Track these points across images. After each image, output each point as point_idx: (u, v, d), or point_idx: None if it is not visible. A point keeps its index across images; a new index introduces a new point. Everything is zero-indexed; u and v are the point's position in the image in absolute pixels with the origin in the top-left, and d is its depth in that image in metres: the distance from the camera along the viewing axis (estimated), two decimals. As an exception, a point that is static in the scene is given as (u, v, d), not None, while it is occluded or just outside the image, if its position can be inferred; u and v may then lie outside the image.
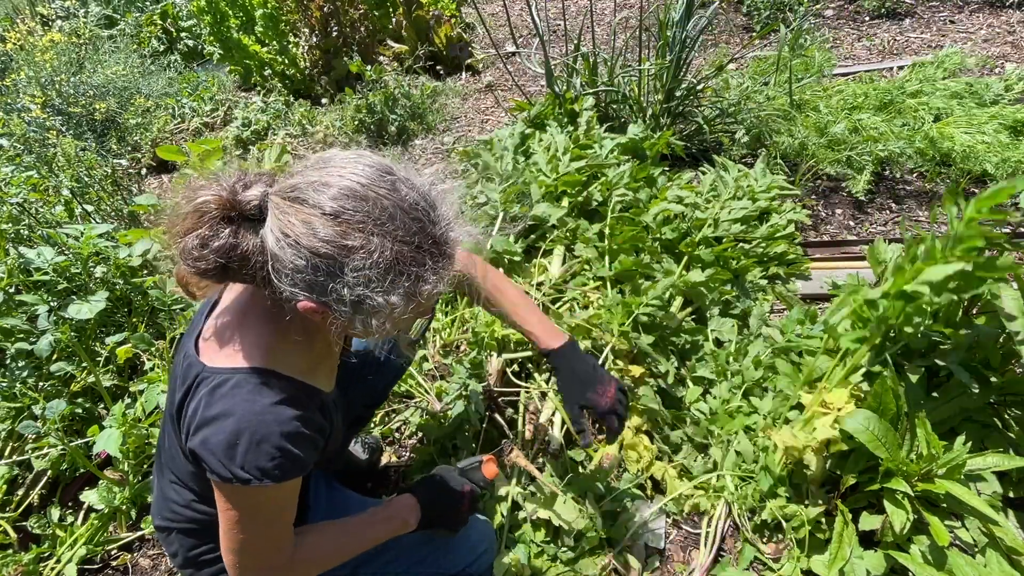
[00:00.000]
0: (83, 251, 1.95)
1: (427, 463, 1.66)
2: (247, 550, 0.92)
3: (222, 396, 0.84)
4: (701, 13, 2.78)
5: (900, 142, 2.51)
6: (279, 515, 0.94)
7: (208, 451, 0.83)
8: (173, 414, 0.93)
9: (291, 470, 0.86)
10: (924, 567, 1.20)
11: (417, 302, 0.79)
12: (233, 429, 0.82)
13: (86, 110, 3.74)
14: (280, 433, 0.83)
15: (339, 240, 0.73)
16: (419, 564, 1.24)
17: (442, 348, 1.95)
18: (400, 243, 0.75)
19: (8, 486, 1.73)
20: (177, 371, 0.94)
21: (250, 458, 0.82)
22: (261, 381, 0.85)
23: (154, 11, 5.34)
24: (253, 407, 0.83)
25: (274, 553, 0.95)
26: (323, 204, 0.74)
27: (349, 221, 0.74)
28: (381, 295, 0.76)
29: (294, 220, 0.75)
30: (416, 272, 0.77)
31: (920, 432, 1.26)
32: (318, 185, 0.75)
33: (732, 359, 1.80)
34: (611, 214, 2.16)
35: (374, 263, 0.74)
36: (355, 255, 0.74)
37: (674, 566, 1.46)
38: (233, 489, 0.86)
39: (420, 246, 0.77)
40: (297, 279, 0.76)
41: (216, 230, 0.79)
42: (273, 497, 0.89)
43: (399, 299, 0.77)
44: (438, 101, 4.04)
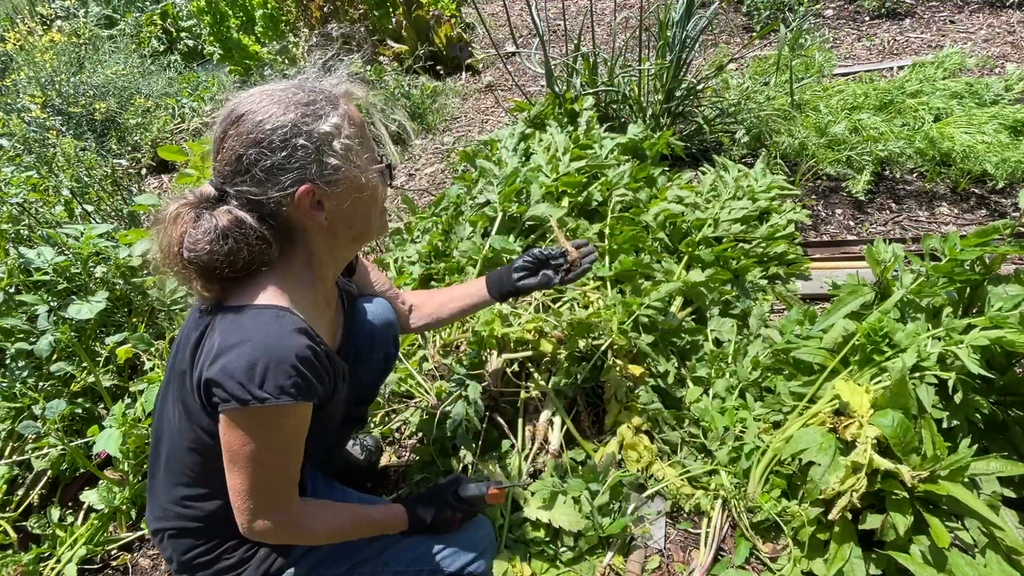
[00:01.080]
0: (83, 251, 1.95)
1: (427, 463, 1.66)
2: (258, 489, 0.96)
3: (239, 326, 0.90)
4: (701, 13, 2.78)
5: (900, 142, 2.51)
6: (290, 445, 0.97)
7: (227, 375, 0.88)
8: (186, 363, 0.96)
9: (306, 391, 0.91)
10: (924, 567, 1.20)
11: (350, 121, 0.95)
12: (252, 352, 0.88)
13: (86, 110, 3.74)
14: (296, 356, 0.90)
15: (264, 118, 0.90)
16: (418, 563, 1.24)
17: (442, 348, 1.95)
18: (297, 90, 0.94)
19: (8, 486, 1.73)
20: (189, 324, 1.01)
21: (269, 376, 0.87)
22: (275, 313, 0.93)
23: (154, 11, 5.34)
24: (269, 333, 0.90)
25: (283, 496, 0.99)
26: (236, 116, 0.92)
27: (259, 105, 0.91)
28: (321, 123, 0.92)
29: (232, 144, 0.90)
30: (326, 99, 0.94)
31: (926, 433, 1.26)
32: (225, 121, 0.93)
33: (731, 359, 1.80)
34: (611, 214, 2.16)
35: (297, 107, 0.91)
36: (282, 114, 0.90)
37: (674, 566, 1.46)
38: (250, 414, 0.90)
39: (311, 91, 0.95)
40: (275, 174, 0.90)
41: (198, 219, 0.92)
42: (288, 419, 0.93)
43: (336, 119, 0.93)
44: (438, 101, 4.04)
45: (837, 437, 1.33)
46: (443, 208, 2.51)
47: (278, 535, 1.01)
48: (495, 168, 2.44)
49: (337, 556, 1.19)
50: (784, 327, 1.78)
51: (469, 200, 2.43)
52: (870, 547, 1.31)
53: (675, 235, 2.21)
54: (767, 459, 1.47)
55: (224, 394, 0.88)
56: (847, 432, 1.30)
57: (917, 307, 1.55)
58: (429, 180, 3.33)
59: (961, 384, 1.30)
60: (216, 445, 0.97)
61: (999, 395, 1.41)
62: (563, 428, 1.65)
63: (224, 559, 1.11)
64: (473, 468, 1.60)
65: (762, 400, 1.66)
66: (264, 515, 0.98)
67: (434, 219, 2.44)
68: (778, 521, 1.42)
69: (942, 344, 1.35)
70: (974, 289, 1.52)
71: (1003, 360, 1.39)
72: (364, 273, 1.40)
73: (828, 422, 1.37)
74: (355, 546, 1.21)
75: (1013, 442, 1.38)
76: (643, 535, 1.50)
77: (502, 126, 3.61)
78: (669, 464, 1.61)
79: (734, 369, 1.77)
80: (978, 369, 1.24)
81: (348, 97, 1.00)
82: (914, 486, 1.21)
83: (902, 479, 1.21)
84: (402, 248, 2.39)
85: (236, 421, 0.91)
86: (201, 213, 0.93)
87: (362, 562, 1.20)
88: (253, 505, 0.97)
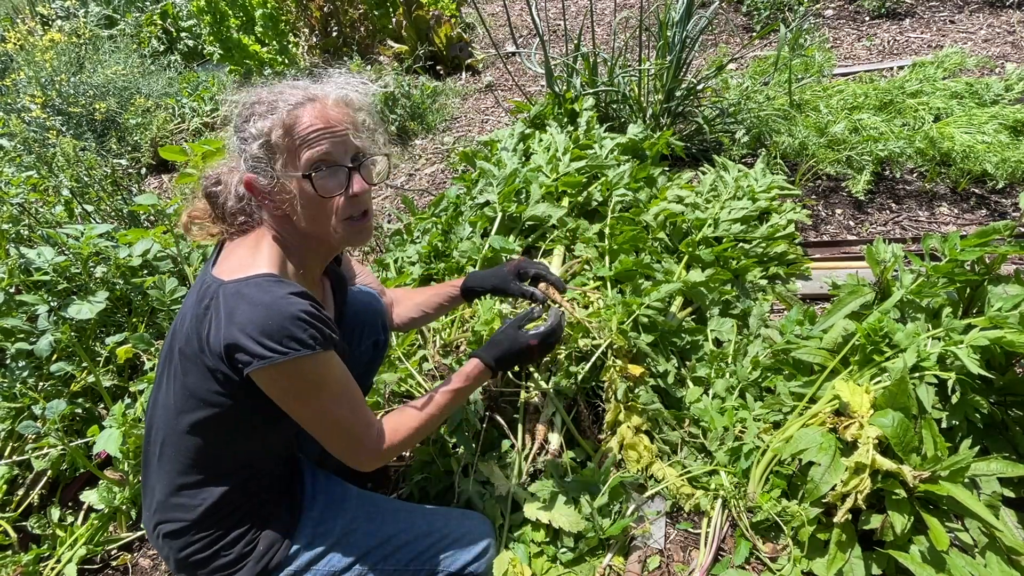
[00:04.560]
0: (83, 251, 1.95)
1: (427, 463, 1.66)
2: (337, 429, 1.04)
3: (244, 294, 0.96)
4: (701, 13, 2.78)
5: (900, 142, 2.51)
6: (341, 386, 1.04)
7: (245, 337, 0.93)
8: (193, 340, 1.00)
9: (322, 340, 0.97)
10: (924, 567, 1.20)
11: (284, 127, 1.01)
12: (262, 313, 0.94)
13: (86, 110, 3.74)
14: (302, 310, 0.96)
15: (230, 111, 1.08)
16: (417, 562, 1.24)
17: (442, 348, 1.95)
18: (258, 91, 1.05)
19: (8, 486, 1.73)
20: (189, 303, 1.05)
21: (285, 332, 0.93)
22: (276, 280, 1.00)
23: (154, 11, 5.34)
24: (276, 295, 0.96)
25: (364, 428, 1.07)
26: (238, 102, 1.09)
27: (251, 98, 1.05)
28: (250, 125, 1.02)
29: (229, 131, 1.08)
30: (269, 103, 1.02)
31: (926, 433, 1.26)
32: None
33: (731, 359, 1.80)
34: (611, 214, 2.16)
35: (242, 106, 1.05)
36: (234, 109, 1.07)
37: (674, 566, 1.46)
38: (278, 371, 0.95)
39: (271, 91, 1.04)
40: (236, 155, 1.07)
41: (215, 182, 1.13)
42: (322, 366, 0.99)
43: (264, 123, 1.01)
44: (438, 101, 4.04)
45: (837, 437, 1.33)
46: (443, 208, 2.51)
47: (381, 457, 1.10)
48: (494, 169, 2.44)
49: (337, 552, 1.19)
50: (784, 327, 1.78)
51: (469, 200, 2.43)
52: (870, 547, 1.31)
53: (675, 235, 2.21)
54: (767, 459, 1.47)
55: (246, 356, 0.93)
56: (847, 432, 1.30)
57: (917, 307, 1.55)
58: (429, 180, 3.34)
59: (961, 384, 1.30)
60: (217, 424, 1.03)
61: (999, 395, 1.41)
62: (563, 428, 1.65)
63: (222, 555, 1.11)
64: (473, 468, 1.60)
65: (762, 400, 1.66)
66: (352, 455, 1.07)
67: (434, 219, 2.44)
68: (778, 521, 1.42)
69: (942, 344, 1.35)
70: (974, 289, 1.52)
71: (1003, 360, 1.39)
72: (348, 266, 1.45)
73: (828, 422, 1.37)
74: (355, 545, 1.21)
75: (1013, 442, 1.38)
76: (643, 535, 1.50)
77: (502, 126, 3.61)
78: (669, 464, 1.61)
79: (734, 369, 1.77)
80: (978, 369, 1.24)
81: (323, 102, 1.05)
82: (915, 486, 1.21)
83: (903, 479, 1.21)
84: (402, 248, 2.39)
85: (270, 380, 0.97)
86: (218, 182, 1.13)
87: (362, 558, 1.20)
88: (341, 445, 1.06)
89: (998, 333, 1.27)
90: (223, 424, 1.03)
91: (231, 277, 1.00)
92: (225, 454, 1.08)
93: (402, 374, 1.85)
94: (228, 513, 1.10)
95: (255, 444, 1.11)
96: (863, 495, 1.22)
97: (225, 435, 1.05)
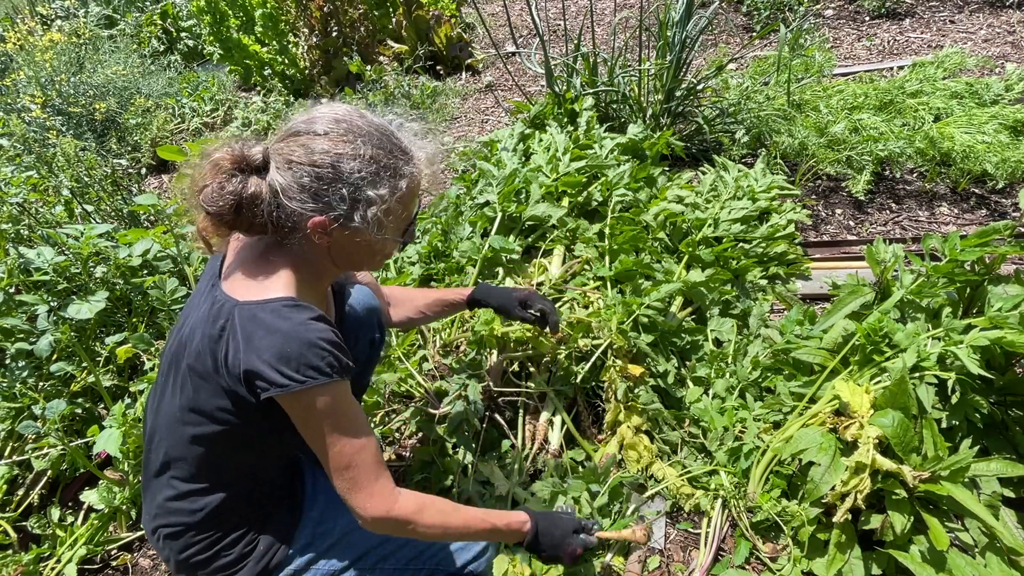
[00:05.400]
0: (83, 251, 1.95)
1: (427, 463, 1.66)
2: (344, 463, 0.99)
3: (262, 320, 0.95)
4: (701, 13, 2.78)
5: (900, 142, 2.51)
6: (357, 419, 1.01)
7: (264, 364, 0.92)
8: (206, 360, 0.98)
9: (339, 368, 0.97)
10: (924, 567, 1.20)
11: (399, 197, 1.00)
12: (281, 341, 0.93)
13: (86, 110, 3.74)
14: (322, 339, 0.95)
15: (333, 149, 0.95)
16: (417, 561, 1.24)
17: (442, 348, 1.95)
18: (376, 148, 0.98)
19: (8, 486, 1.73)
20: (198, 317, 1.02)
21: (303, 360, 0.93)
22: (295, 304, 0.98)
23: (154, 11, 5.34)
24: (294, 322, 0.95)
25: (373, 464, 1.01)
26: (315, 129, 0.96)
27: (337, 135, 0.96)
28: (371, 188, 0.97)
29: (295, 147, 0.96)
30: (393, 167, 0.99)
31: (926, 433, 1.26)
32: (307, 121, 0.98)
33: (731, 359, 1.80)
34: (611, 214, 2.16)
35: (361, 161, 0.96)
36: (346, 157, 0.95)
37: (674, 566, 1.46)
38: (297, 398, 0.95)
39: (391, 151, 1.00)
40: (305, 196, 0.96)
41: (230, 176, 0.97)
42: (338, 396, 0.98)
43: (387, 191, 0.98)
44: (438, 101, 4.04)
45: (837, 437, 1.33)
46: (443, 208, 2.51)
47: (386, 522, 1.03)
48: (494, 169, 2.44)
49: (337, 552, 1.18)
50: (784, 327, 1.78)
51: (469, 200, 2.43)
52: (870, 547, 1.31)
53: (675, 235, 2.21)
54: (767, 459, 1.47)
55: (265, 383, 0.93)
56: (847, 432, 1.30)
57: (917, 307, 1.55)
58: (429, 180, 3.33)
59: (961, 384, 1.30)
60: (224, 439, 1.02)
61: (999, 395, 1.42)
62: (563, 428, 1.65)
63: (223, 556, 1.11)
64: (473, 468, 1.60)
65: (762, 400, 1.66)
66: (359, 493, 1.01)
67: (434, 219, 2.44)
68: (778, 521, 1.42)
69: (942, 344, 1.35)
70: (974, 289, 1.52)
71: (1003, 360, 1.39)
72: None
73: (828, 422, 1.37)
74: (355, 545, 1.20)
75: (1013, 442, 1.38)
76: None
77: (502, 126, 3.62)
78: (669, 464, 1.61)
79: (734, 369, 1.77)
80: (978, 369, 1.24)
81: (428, 162, 1.05)
82: (915, 486, 1.21)
83: (903, 479, 1.21)
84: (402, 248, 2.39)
85: (289, 406, 0.97)
86: (234, 175, 0.97)
87: (362, 558, 1.20)
88: (344, 485, 1.01)
89: (998, 333, 1.27)
90: (229, 438, 1.03)
91: (246, 298, 0.98)
92: (228, 464, 1.08)
93: (402, 374, 1.85)
94: (229, 516, 1.10)
95: (259, 456, 1.11)
96: (863, 495, 1.22)
97: (230, 448, 1.05)
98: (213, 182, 0.97)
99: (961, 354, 1.27)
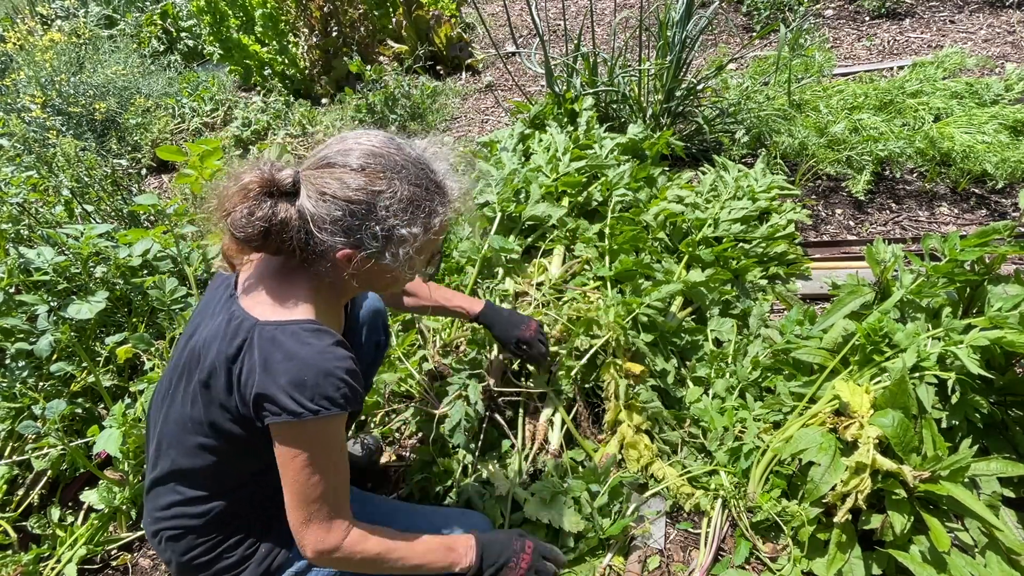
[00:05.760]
0: (83, 251, 1.95)
1: (427, 463, 1.66)
2: (315, 496, 0.97)
3: (281, 343, 0.94)
4: (701, 13, 2.78)
5: (900, 142, 2.51)
6: (341, 452, 1.01)
7: (279, 389, 0.92)
8: (219, 377, 0.97)
9: (352, 400, 0.96)
10: (924, 567, 1.20)
11: (432, 234, 1.00)
12: (300, 368, 0.92)
13: (86, 110, 3.74)
14: (341, 367, 0.95)
15: (368, 186, 0.93)
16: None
17: (442, 348, 1.95)
18: (413, 185, 0.96)
19: (8, 486, 1.73)
20: (214, 330, 0.99)
21: (319, 390, 0.92)
22: (315, 328, 0.97)
23: (154, 11, 5.34)
24: (314, 348, 0.94)
25: (341, 500, 1.01)
26: (350, 163, 0.93)
27: (373, 171, 0.93)
28: (405, 227, 0.95)
29: (329, 180, 0.93)
30: (428, 206, 0.97)
31: (926, 433, 1.26)
32: (342, 151, 0.95)
33: (731, 359, 1.80)
34: (611, 214, 2.16)
35: (397, 200, 0.94)
36: (382, 196, 0.93)
37: (674, 566, 1.46)
38: (303, 426, 0.94)
39: (427, 187, 0.98)
40: (336, 228, 0.93)
41: (259, 202, 0.94)
42: (337, 428, 0.98)
43: (419, 229, 0.96)
44: (438, 101, 4.04)
45: (837, 437, 1.33)
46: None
47: (333, 556, 1.00)
48: (493, 169, 2.44)
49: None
50: (784, 327, 1.78)
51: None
52: (870, 547, 1.31)
53: (675, 235, 2.21)
54: (767, 459, 1.47)
55: (275, 408, 0.92)
56: (847, 432, 1.30)
57: (917, 307, 1.55)
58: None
59: (961, 384, 1.30)
60: (234, 452, 1.02)
61: (999, 395, 1.42)
62: (563, 428, 1.65)
63: (225, 558, 1.11)
64: (473, 468, 1.60)
65: (762, 400, 1.66)
66: (318, 526, 0.98)
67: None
68: (778, 521, 1.42)
69: (942, 344, 1.35)
70: (974, 289, 1.52)
71: (1003, 360, 1.39)
72: None
73: (828, 422, 1.37)
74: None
75: (1013, 442, 1.38)
76: (643, 535, 1.50)
77: (502, 126, 3.62)
78: (669, 464, 1.61)
79: (734, 369, 1.77)
80: (978, 369, 1.24)
81: (462, 199, 1.04)
82: (915, 486, 1.21)
83: (903, 479, 1.21)
84: (402, 248, 2.39)
85: (287, 434, 0.95)
86: (263, 201, 0.94)
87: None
88: (304, 516, 0.97)
89: (998, 333, 1.27)
90: (236, 449, 1.03)
91: (266, 317, 0.97)
92: (233, 472, 1.08)
93: (402, 374, 1.85)
94: (231, 521, 1.11)
95: (264, 464, 1.11)
96: (863, 495, 1.22)
97: (236, 457, 1.05)
98: (242, 207, 0.94)
99: (961, 354, 1.27)
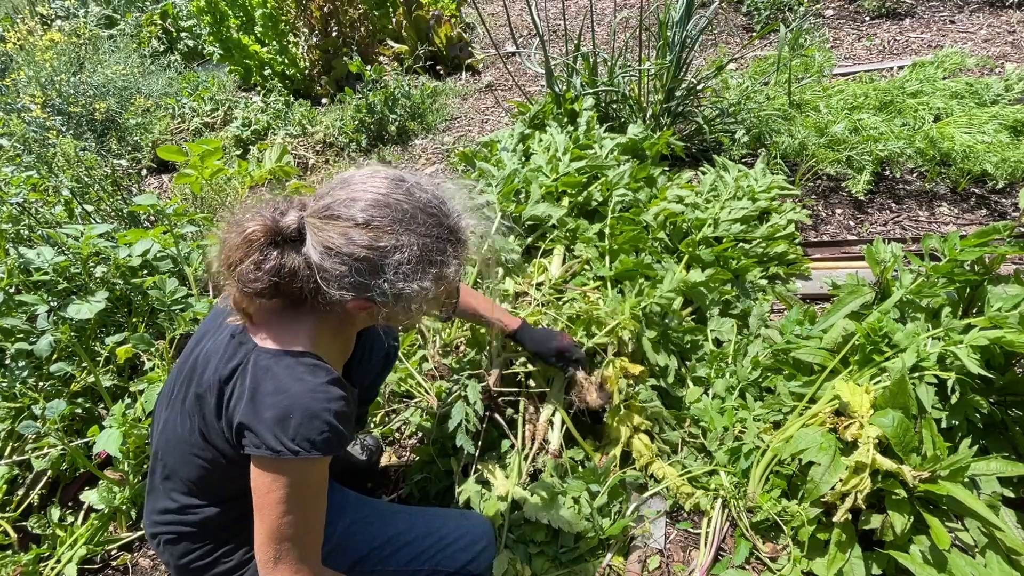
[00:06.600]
0: (83, 251, 1.95)
1: (427, 463, 1.66)
2: (287, 535, 0.93)
3: (274, 374, 0.92)
4: (701, 13, 2.78)
5: (900, 142, 2.51)
6: (318, 497, 0.97)
7: (261, 423, 0.89)
8: (212, 395, 0.96)
9: (335, 445, 0.93)
10: (924, 567, 1.20)
11: (445, 284, 0.95)
12: (287, 404, 0.90)
13: (86, 110, 3.74)
14: (330, 410, 0.92)
15: (374, 243, 0.87)
16: (416, 562, 1.24)
17: (442, 348, 1.94)
18: (424, 237, 0.90)
19: (8, 486, 1.73)
20: (217, 345, 0.99)
21: (302, 431, 0.89)
22: (312, 363, 0.95)
23: (154, 11, 5.34)
24: (305, 386, 0.91)
25: (312, 546, 0.97)
26: (355, 216, 0.88)
27: (379, 226, 0.88)
28: (416, 283, 0.90)
29: (333, 234, 0.88)
30: (440, 259, 0.92)
31: (926, 433, 1.26)
32: (347, 202, 0.89)
33: (731, 359, 1.80)
34: (611, 214, 2.16)
35: (406, 258, 0.89)
36: (389, 253, 0.88)
37: (674, 566, 1.46)
38: (280, 464, 0.90)
39: (440, 236, 0.92)
40: (344, 283, 0.89)
41: (265, 254, 0.91)
42: (316, 472, 0.94)
43: (430, 283, 0.92)
44: (438, 101, 4.04)
45: (837, 437, 1.33)
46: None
47: None
48: (493, 169, 2.44)
49: (337, 556, 1.19)
50: (784, 327, 1.78)
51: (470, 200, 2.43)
52: (870, 547, 1.31)
53: (675, 235, 2.21)
54: (767, 459, 1.47)
55: (256, 440, 0.90)
56: (847, 432, 1.30)
57: (917, 307, 1.55)
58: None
59: (961, 384, 1.30)
60: (228, 466, 1.00)
61: (999, 395, 1.41)
62: (563, 428, 1.65)
63: (222, 562, 1.11)
64: (473, 468, 1.60)
65: (762, 400, 1.66)
66: (286, 568, 0.94)
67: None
68: (778, 521, 1.42)
69: (942, 344, 1.35)
70: (974, 289, 1.52)
71: (1003, 360, 1.39)
72: None
73: (828, 422, 1.37)
74: (354, 548, 1.21)
75: (1013, 442, 1.38)
76: (643, 535, 1.50)
77: (502, 126, 3.62)
78: (669, 464, 1.61)
79: (734, 369, 1.77)
80: (977, 369, 1.24)
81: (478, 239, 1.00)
82: (915, 486, 1.21)
83: (903, 479, 1.21)
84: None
85: (264, 467, 0.92)
86: (269, 250, 0.91)
87: (361, 560, 1.20)
88: (272, 554, 0.93)
89: (998, 333, 1.27)
90: (226, 463, 1.02)
91: (265, 344, 0.95)
92: (224, 484, 1.07)
93: (402, 374, 1.85)
94: (228, 526, 1.11)
95: None
96: (863, 495, 1.22)
97: (226, 471, 1.05)
98: (248, 259, 0.91)
99: (961, 354, 1.27)
